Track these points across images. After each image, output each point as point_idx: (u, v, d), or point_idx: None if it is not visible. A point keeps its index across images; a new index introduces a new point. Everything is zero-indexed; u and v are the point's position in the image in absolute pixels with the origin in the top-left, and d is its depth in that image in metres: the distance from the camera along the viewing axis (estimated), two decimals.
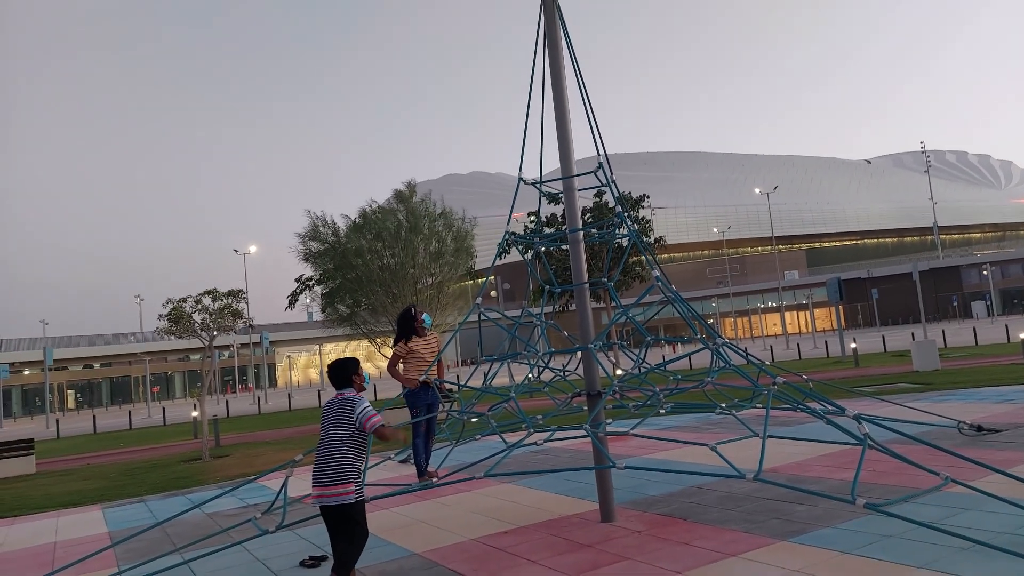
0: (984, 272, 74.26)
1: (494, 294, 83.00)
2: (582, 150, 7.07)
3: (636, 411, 7.65)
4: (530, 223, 23.56)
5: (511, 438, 7.22)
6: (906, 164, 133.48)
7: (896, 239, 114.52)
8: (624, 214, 7.58)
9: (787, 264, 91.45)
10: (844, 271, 79.37)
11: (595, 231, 11.24)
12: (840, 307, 32.83)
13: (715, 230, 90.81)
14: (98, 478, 13.98)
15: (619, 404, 7.99)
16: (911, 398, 13.10)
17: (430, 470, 8.11)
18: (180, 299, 15.86)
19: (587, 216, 27.71)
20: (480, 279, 26.71)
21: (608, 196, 28.05)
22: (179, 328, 15.65)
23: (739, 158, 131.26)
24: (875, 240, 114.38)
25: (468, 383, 8.54)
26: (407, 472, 9.68)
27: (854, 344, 27.93)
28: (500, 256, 7.96)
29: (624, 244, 22.20)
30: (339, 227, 22.47)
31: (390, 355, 8.01)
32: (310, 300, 25.39)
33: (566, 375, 8.69)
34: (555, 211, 27.03)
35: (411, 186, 23.12)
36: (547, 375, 8.67)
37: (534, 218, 22.92)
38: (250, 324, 17.70)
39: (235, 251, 54.17)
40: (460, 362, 71.01)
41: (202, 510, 9.09)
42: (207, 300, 15.82)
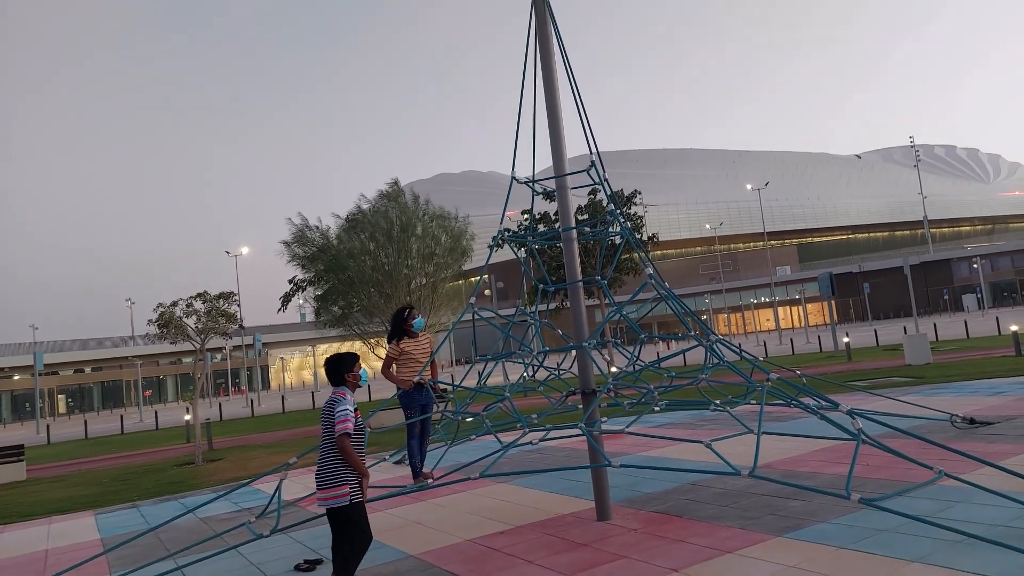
0: (974, 265, 74.72)
1: (488, 293, 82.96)
2: (574, 148, 7.07)
3: (631, 409, 7.66)
4: (524, 221, 23.53)
5: (506, 438, 7.21)
6: (896, 159, 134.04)
7: (887, 233, 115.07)
8: (617, 212, 7.58)
9: (779, 259, 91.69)
10: (836, 266, 79.59)
11: (588, 229, 11.25)
12: (832, 302, 32.99)
13: (707, 226, 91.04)
14: (90, 484, 13.89)
15: (614, 402, 7.99)
16: (904, 392, 13.15)
17: (425, 471, 8.08)
18: (170, 303, 15.76)
19: (581, 214, 27.72)
20: (473, 278, 26.65)
21: (602, 193, 28.07)
22: (169, 333, 15.56)
23: (730, 154, 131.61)
24: (866, 235, 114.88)
25: (463, 383, 8.52)
26: (402, 473, 9.65)
27: (847, 338, 28.05)
28: (493, 251, 7.93)
29: (617, 242, 22.23)
30: (329, 228, 22.37)
31: (383, 356, 7.99)
32: (303, 301, 25.24)
33: (561, 374, 8.68)
34: (549, 209, 27.04)
35: (396, 185, 22.99)
36: (542, 374, 8.66)
37: (527, 216, 22.91)
38: (242, 326, 17.61)
39: (227, 252, 53.79)
40: (455, 362, 70.97)
41: (196, 515, 9.04)
42: (198, 303, 15.72)
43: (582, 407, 7.00)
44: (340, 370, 4.89)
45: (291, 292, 24.12)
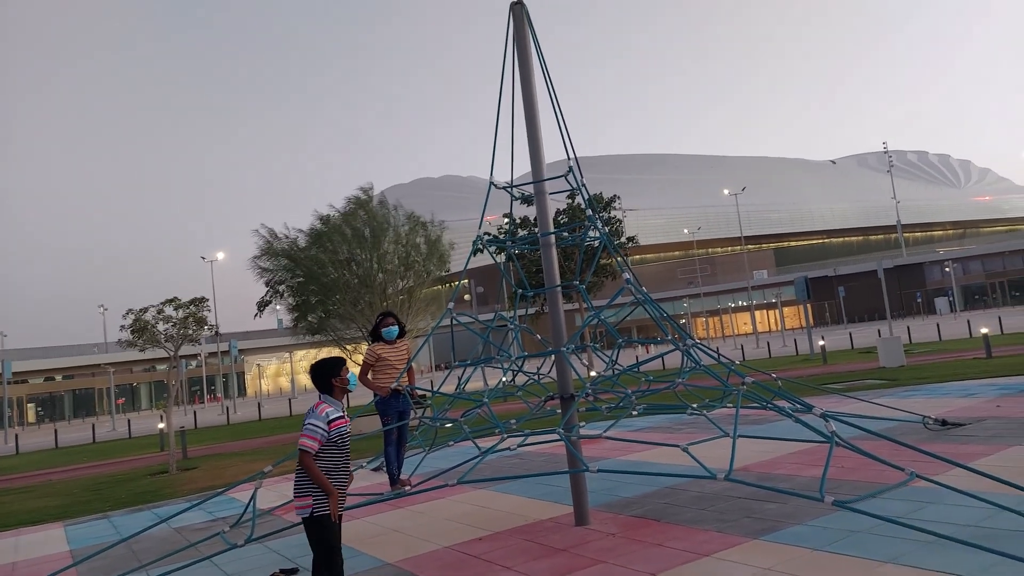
0: (946, 269, 76.05)
1: (468, 298, 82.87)
2: (552, 153, 7.08)
3: (609, 413, 7.67)
4: (503, 226, 23.53)
5: (484, 443, 7.18)
6: (870, 164, 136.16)
7: (861, 238, 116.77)
8: (595, 217, 7.61)
9: (756, 264, 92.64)
10: (811, 270, 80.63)
11: (566, 234, 11.27)
12: (808, 305, 33.39)
13: (685, 231, 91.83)
14: (60, 494, 13.64)
15: (592, 407, 8.00)
16: (878, 394, 13.32)
17: (403, 478, 8.05)
18: (141, 309, 15.50)
19: (560, 218, 27.78)
20: (452, 283, 26.54)
21: (579, 198, 28.10)
22: (142, 339, 15.31)
23: (708, 159, 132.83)
24: (841, 239, 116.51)
25: (441, 389, 8.48)
26: (380, 480, 9.58)
27: (822, 342, 28.36)
28: (472, 255, 7.93)
29: (596, 246, 22.21)
30: (297, 238, 22.17)
31: (361, 362, 7.94)
32: (279, 307, 24.98)
33: (539, 378, 8.68)
34: (529, 213, 27.08)
35: (368, 191, 22.86)
36: (521, 379, 8.65)
37: (507, 220, 22.88)
38: (216, 332, 17.39)
39: (202, 258, 53.27)
40: (434, 367, 70.72)
41: (169, 525, 8.91)
42: (169, 309, 15.48)
43: (560, 412, 7.00)
44: (326, 376, 4.63)
45: (267, 298, 23.89)
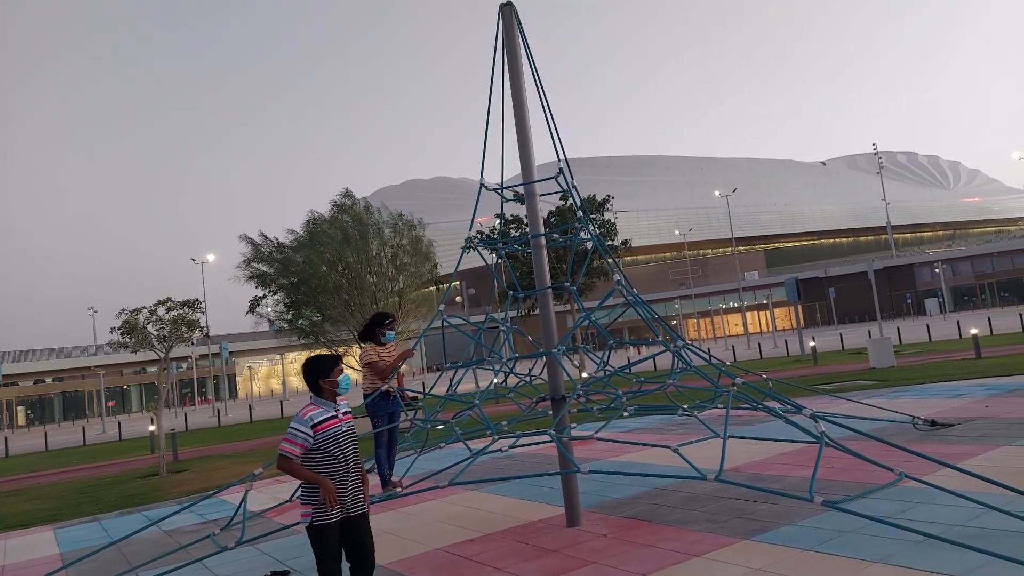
0: (936, 270, 76.52)
1: (459, 299, 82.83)
2: (543, 155, 7.08)
3: (600, 414, 7.68)
4: (495, 227, 23.49)
5: (476, 445, 7.18)
6: (859, 165, 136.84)
7: (851, 239, 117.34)
8: (586, 219, 7.62)
9: (747, 265, 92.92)
10: (802, 271, 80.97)
11: (557, 236, 11.30)
12: (799, 306, 33.51)
13: (677, 232, 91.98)
14: (50, 497, 13.56)
15: (583, 408, 8.01)
16: (868, 395, 13.39)
17: (394, 480, 8.03)
18: (133, 310, 15.42)
19: (552, 218, 27.81)
20: (443, 285, 26.47)
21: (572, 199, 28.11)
22: (133, 341, 15.22)
23: (699, 161, 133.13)
24: (831, 240, 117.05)
25: (432, 390, 8.48)
26: (371, 483, 9.56)
27: (813, 343, 28.47)
28: (465, 253, 7.92)
29: (588, 247, 22.26)
30: (285, 244, 22.12)
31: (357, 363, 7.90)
32: (270, 309, 24.86)
33: (531, 380, 8.69)
34: (520, 213, 27.05)
35: (350, 195, 22.84)
36: (512, 380, 8.65)
37: (499, 221, 22.86)
38: (207, 335, 17.28)
39: (192, 260, 53.01)
40: (425, 369, 70.66)
41: (159, 527, 8.88)
42: (161, 311, 15.41)
43: (552, 413, 7.01)
44: (315, 376, 4.33)
45: (259, 297, 23.80)
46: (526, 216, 7.48)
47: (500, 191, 7.79)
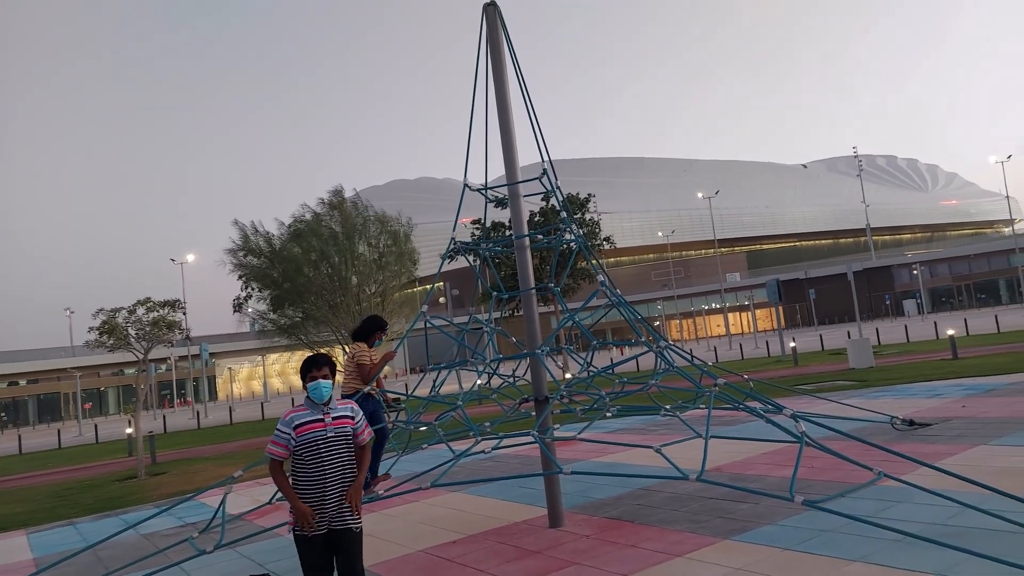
0: (914, 272, 77.40)
1: (443, 300, 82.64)
2: (527, 157, 7.08)
3: (583, 415, 7.68)
4: (476, 231, 23.45)
5: (459, 446, 7.16)
6: (840, 168, 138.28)
7: (831, 241, 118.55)
8: (569, 220, 7.63)
9: (729, 266, 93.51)
10: (783, 272, 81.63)
11: (541, 236, 11.29)
12: (779, 308, 33.75)
13: (659, 234, 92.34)
14: (24, 501, 13.34)
15: (566, 408, 8.01)
16: (847, 395, 13.50)
17: (374, 480, 7.98)
18: (112, 310, 15.20)
19: (536, 218, 27.80)
20: (426, 286, 26.43)
21: (555, 200, 28.04)
22: (112, 341, 14.99)
23: (681, 163, 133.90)
24: (812, 242, 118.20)
25: (415, 392, 8.44)
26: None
27: (793, 343, 28.71)
28: (446, 261, 7.91)
29: (572, 248, 22.20)
30: (272, 236, 21.93)
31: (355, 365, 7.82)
32: (251, 310, 24.63)
33: (515, 381, 8.67)
34: (502, 217, 27.02)
35: (339, 193, 22.72)
36: (496, 381, 8.63)
37: (478, 225, 22.82)
38: (187, 336, 17.04)
39: (172, 260, 52.37)
40: (408, 370, 70.41)
41: (137, 531, 8.76)
42: (141, 311, 15.19)
43: (535, 414, 7.00)
44: (303, 377, 4.20)
45: (244, 297, 23.57)
46: (508, 220, 7.48)
47: (484, 191, 7.77)
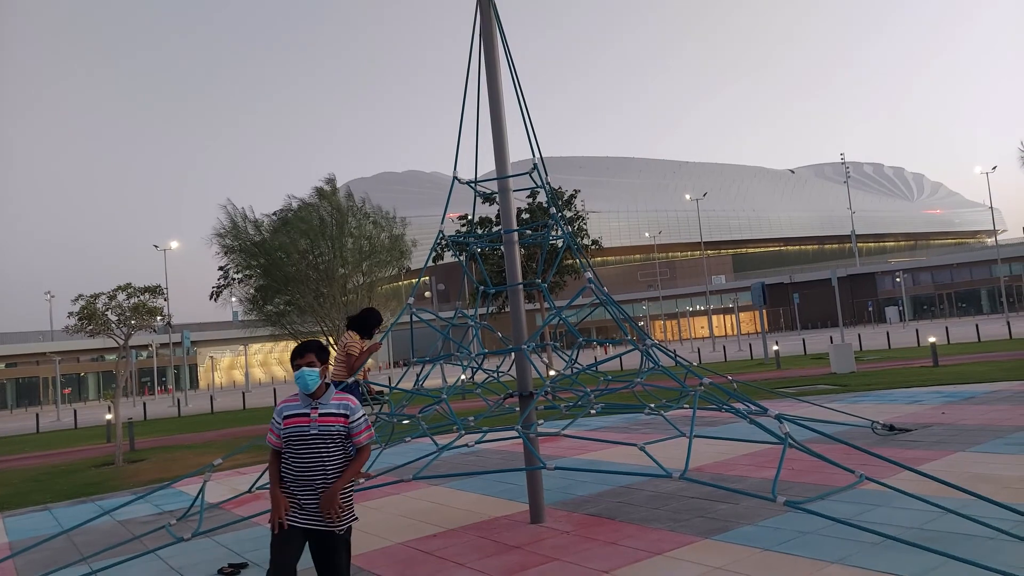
0: (897, 279, 78.20)
1: (428, 295, 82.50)
2: (518, 153, 7.05)
3: (567, 412, 7.67)
4: (462, 226, 23.37)
5: (442, 440, 7.13)
6: (827, 174, 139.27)
7: (817, 246, 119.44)
8: (558, 215, 7.61)
9: (714, 269, 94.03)
10: (768, 276, 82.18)
11: (529, 232, 11.28)
12: (763, 311, 33.93)
13: (646, 234, 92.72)
14: (0, 485, 13.17)
15: (551, 405, 8.01)
16: (829, 399, 13.60)
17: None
18: (92, 295, 15.00)
19: (522, 215, 27.76)
20: (412, 280, 26.30)
21: (541, 197, 28.13)
22: (92, 326, 14.80)
23: (670, 164, 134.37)
24: (797, 247, 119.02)
25: (399, 385, 8.40)
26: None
27: (776, 347, 28.89)
28: (433, 256, 7.86)
29: (558, 246, 22.31)
30: (262, 222, 21.74)
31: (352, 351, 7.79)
32: (235, 298, 24.38)
33: (499, 376, 8.65)
34: (489, 213, 26.94)
35: (332, 182, 22.58)
36: (480, 376, 8.60)
37: (465, 221, 22.75)
38: (169, 323, 16.83)
39: (155, 246, 51.83)
40: (392, 363, 70.22)
41: (113, 517, 8.67)
42: (121, 296, 15.00)
43: (519, 410, 6.98)
44: (292, 361, 3.98)
45: (223, 283, 23.33)
46: (495, 216, 7.45)
47: (474, 185, 7.74)
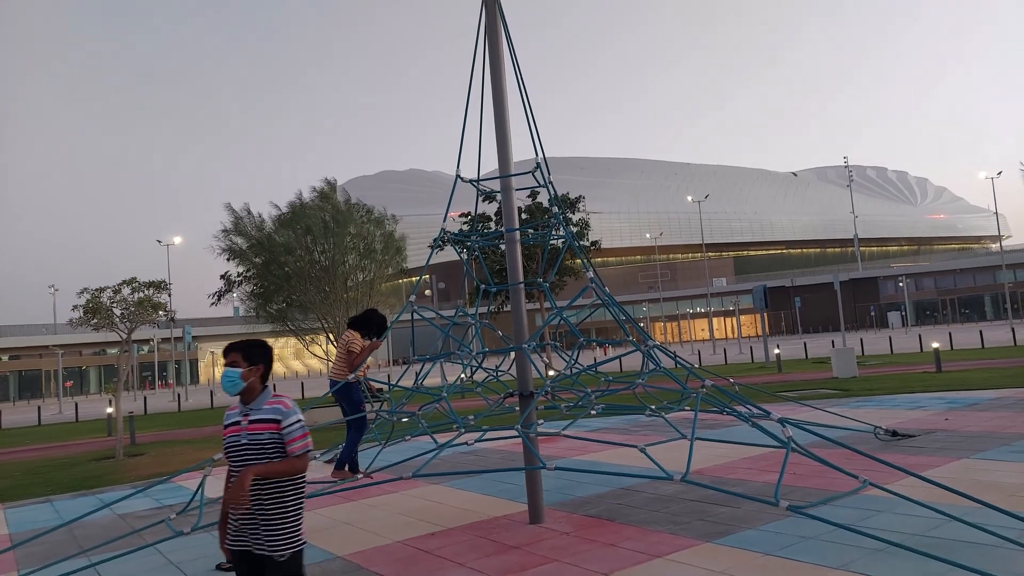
0: (900, 284, 78.03)
1: (428, 293, 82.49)
2: (520, 153, 7.03)
3: (568, 412, 7.66)
4: (464, 225, 23.36)
5: (442, 439, 7.11)
6: (830, 178, 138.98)
7: (819, 250, 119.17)
8: (560, 215, 7.59)
9: (716, 271, 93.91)
10: (769, 279, 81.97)
11: (532, 231, 11.27)
12: (765, 314, 33.88)
13: (648, 235, 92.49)
14: (1, 477, 13.17)
15: (551, 405, 7.99)
16: (830, 403, 13.55)
17: (338, 472, 7.94)
18: (97, 289, 15.02)
19: (522, 215, 27.73)
20: (413, 278, 26.30)
21: (542, 197, 28.08)
22: (96, 320, 14.81)
23: (672, 166, 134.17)
24: (799, 250, 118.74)
25: (399, 383, 8.39)
26: (328, 472, 9.43)
27: (777, 350, 28.84)
28: (435, 252, 7.85)
29: (559, 245, 22.26)
30: (265, 220, 21.78)
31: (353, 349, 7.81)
32: (236, 295, 24.42)
33: (499, 375, 8.63)
34: (489, 212, 26.90)
35: (331, 183, 22.62)
36: (480, 375, 8.59)
37: (466, 220, 22.74)
38: (171, 318, 16.77)
39: (158, 242, 51.89)
40: (391, 361, 70.21)
41: (113, 510, 8.66)
42: (126, 291, 15.01)
43: (519, 409, 6.96)
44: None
45: (224, 289, 23.40)
46: (496, 211, 7.44)
47: (476, 184, 7.72)
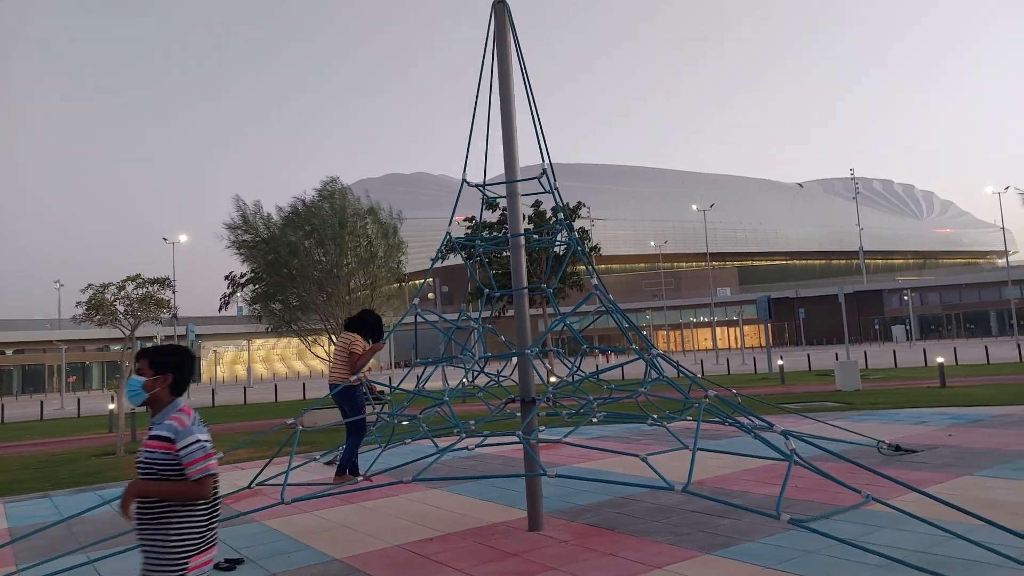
0: (904, 298, 77.82)
1: (432, 296, 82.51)
2: (527, 158, 7.03)
3: (569, 419, 7.63)
4: (468, 229, 23.36)
5: (443, 443, 7.10)
6: (835, 189, 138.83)
7: (823, 261, 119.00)
8: (566, 221, 7.58)
9: (720, 281, 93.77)
10: (773, 290, 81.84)
11: (536, 236, 11.26)
12: (768, 325, 33.75)
13: (652, 244, 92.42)
14: (1, 471, 13.18)
15: (553, 411, 7.97)
16: (833, 416, 13.48)
17: (340, 477, 7.93)
18: (101, 285, 15.07)
19: (527, 223, 27.75)
20: (415, 281, 26.28)
21: (544, 206, 28.08)
22: (99, 315, 14.84)
23: (678, 174, 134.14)
24: (803, 261, 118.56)
25: (400, 386, 8.37)
26: (331, 474, 9.42)
27: (780, 361, 28.75)
28: (441, 258, 7.84)
29: (561, 253, 22.24)
30: (272, 218, 21.78)
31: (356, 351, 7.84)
32: (240, 295, 24.44)
33: (501, 380, 8.61)
34: (492, 219, 26.91)
35: (333, 183, 22.59)
36: (482, 380, 8.57)
37: (470, 224, 22.72)
38: (175, 315, 16.80)
39: (164, 239, 51.98)
40: (393, 364, 70.20)
41: (113, 507, 8.62)
42: (130, 287, 15.05)
43: (521, 415, 6.94)
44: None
45: (229, 292, 23.46)
46: (498, 218, 7.44)
47: (482, 188, 7.72)
